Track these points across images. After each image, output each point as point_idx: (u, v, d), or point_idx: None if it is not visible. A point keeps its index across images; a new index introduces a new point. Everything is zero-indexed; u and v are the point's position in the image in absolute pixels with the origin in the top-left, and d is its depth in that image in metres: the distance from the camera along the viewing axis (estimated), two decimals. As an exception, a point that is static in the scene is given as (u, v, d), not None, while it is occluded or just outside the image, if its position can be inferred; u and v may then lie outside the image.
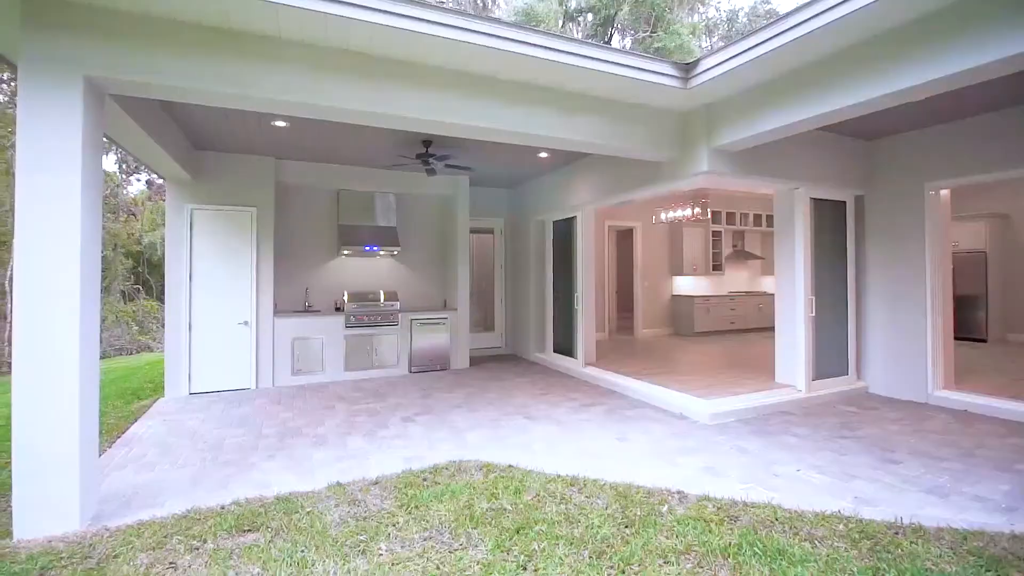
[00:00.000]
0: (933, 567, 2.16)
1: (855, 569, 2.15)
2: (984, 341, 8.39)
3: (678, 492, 2.95)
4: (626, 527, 2.52)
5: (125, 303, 15.45)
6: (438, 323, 6.94)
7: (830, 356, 5.37)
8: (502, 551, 2.30)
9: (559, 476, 3.17)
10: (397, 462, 3.49)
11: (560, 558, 2.23)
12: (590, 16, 18.17)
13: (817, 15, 3.03)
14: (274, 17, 2.86)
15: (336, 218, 6.92)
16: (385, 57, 3.38)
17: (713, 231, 10.42)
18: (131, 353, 13.67)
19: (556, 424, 4.41)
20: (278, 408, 5.01)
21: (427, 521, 2.58)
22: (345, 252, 6.85)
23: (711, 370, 6.26)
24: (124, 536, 2.51)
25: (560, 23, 17.82)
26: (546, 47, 3.46)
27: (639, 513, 2.66)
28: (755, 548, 2.30)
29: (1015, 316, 8.54)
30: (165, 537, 2.48)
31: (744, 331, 10.38)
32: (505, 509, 2.70)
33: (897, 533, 2.46)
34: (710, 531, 2.47)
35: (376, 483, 3.08)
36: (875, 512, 2.71)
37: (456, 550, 2.32)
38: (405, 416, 4.69)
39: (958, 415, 4.59)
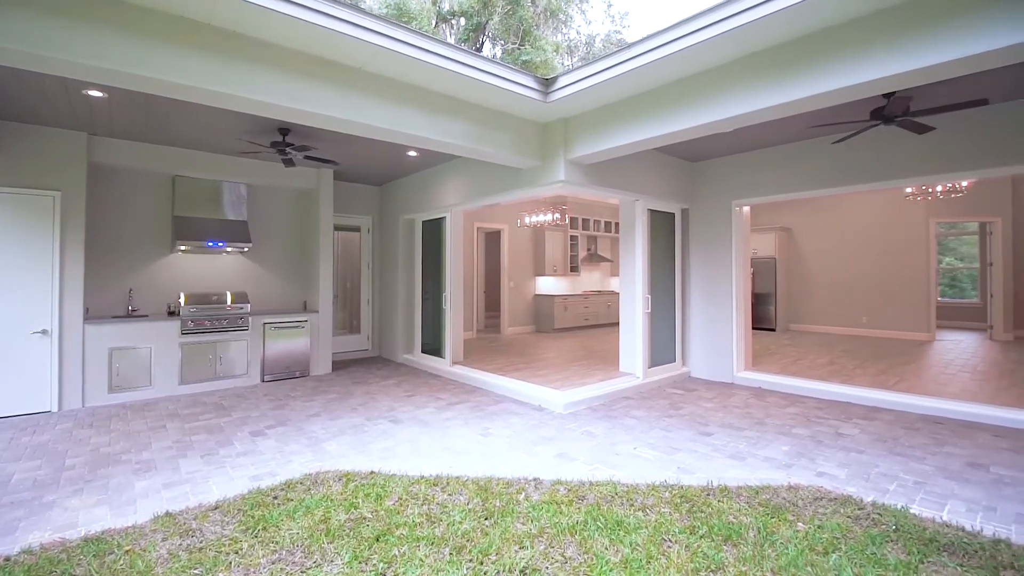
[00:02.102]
0: (734, 520, 2.62)
1: (677, 529, 2.52)
2: (773, 330, 10.38)
3: (534, 480, 3.15)
4: (486, 519, 2.63)
5: None
6: (296, 326, 6.45)
7: (662, 346, 6.18)
8: (360, 562, 2.24)
9: (423, 477, 3.18)
10: (243, 482, 3.18)
11: (420, 559, 2.26)
12: (463, 20, 18.36)
13: (653, 49, 3.49)
14: (78, -29, 2.43)
15: (171, 209, 6.03)
16: (234, 32, 3.08)
17: (571, 235, 11.32)
18: None
19: (422, 425, 4.41)
20: (89, 433, 4.23)
21: (276, 543, 2.40)
22: (182, 248, 6.00)
23: (566, 363, 6.78)
24: None
25: (433, 23, 17.70)
26: (415, 45, 3.47)
27: (498, 504, 2.79)
28: (598, 523, 2.57)
29: (796, 309, 10.73)
30: (-86, 609, 1.96)
31: (596, 327, 11.40)
32: (365, 518, 2.64)
33: (709, 495, 2.92)
34: (561, 512, 2.69)
35: (216, 508, 2.77)
36: (693, 479, 3.20)
37: (308, 569, 2.20)
38: (254, 430, 4.29)
39: (755, 391, 5.61)
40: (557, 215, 9.89)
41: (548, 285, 11.13)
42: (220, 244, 6.08)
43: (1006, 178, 8.80)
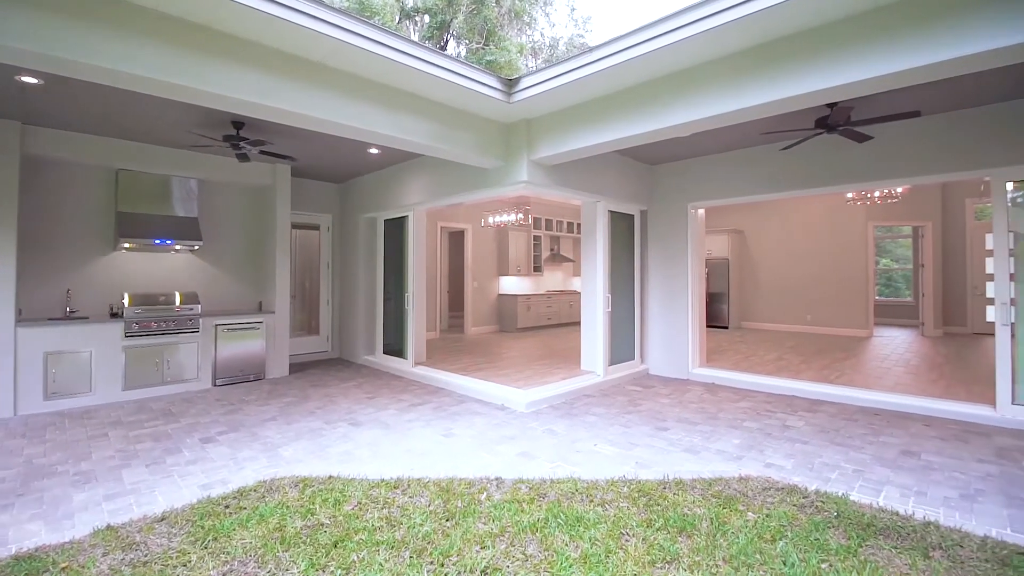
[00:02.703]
0: (688, 512, 2.71)
1: (635, 523, 2.59)
2: (726, 328, 10.80)
3: (496, 479, 3.16)
4: (447, 520, 2.62)
5: None
6: (251, 328, 6.22)
7: (622, 344, 6.32)
8: (316, 569, 2.19)
9: (383, 480, 3.13)
10: (192, 491, 3.05)
11: (380, 564, 2.23)
12: (427, 18, 18.16)
13: (614, 53, 3.56)
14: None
15: (114, 204, 5.69)
16: (185, 21, 2.94)
17: (534, 235, 11.41)
18: None
19: (383, 427, 4.35)
20: (21, 443, 3.94)
21: (228, 553, 2.32)
22: (126, 245, 5.69)
23: (529, 362, 6.83)
24: None
25: (396, 19, 17.42)
26: (376, 41, 3.42)
27: (460, 505, 2.79)
28: (559, 519, 2.61)
29: (747, 308, 11.20)
30: None
31: (558, 326, 11.53)
32: (322, 524, 2.58)
33: (665, 488, 3.01)
34: (522, 511, 2.71)
35: (162, 519, 2.65)
36: (650, 473, 3.29)
37: (263, 577, 2.14)
38: (205, 436, 4.12)
39: (708, 387, 5.82)
40: (520, 215, 9.94)
41: (511, 285, 11.17)
42: (168, 242, 5.80)
43: (936, 185, 9.47)
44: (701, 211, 6.47)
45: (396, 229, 6.93)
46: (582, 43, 20.59)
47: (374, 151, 5.90)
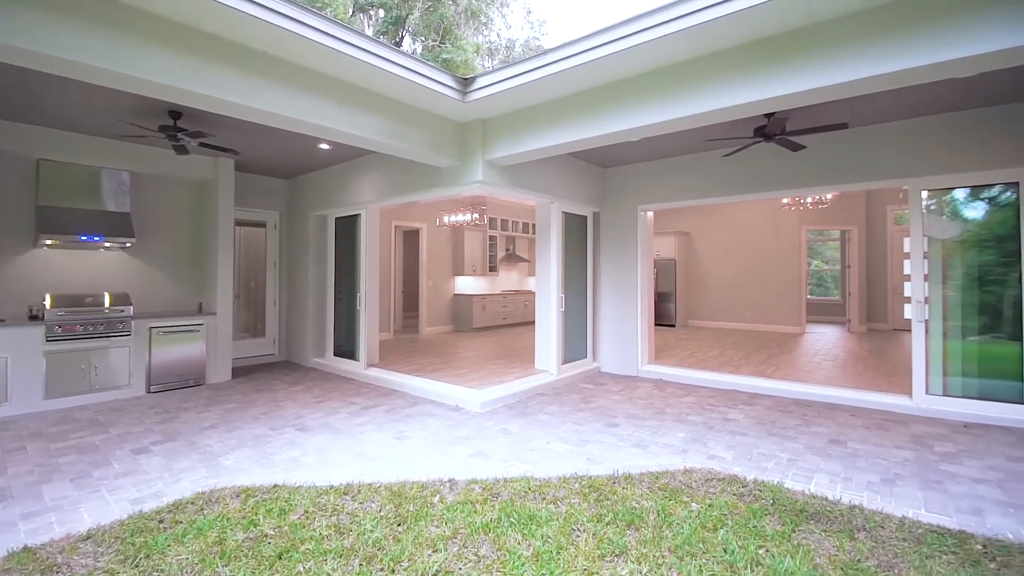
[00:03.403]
0: (636, 504, 2.80)
1: (585, 519, 2.64)
2: (673, 326, 11.22)
3: (449, 481, 3.15)
4: (398, 525, 2.58)
5: None
6: (189, 331, 5.88)
7: (575, 343, 6.44)
8: (260, 581, 2.11)
9: (332, 487, 3.05)
10: (122, 506, 2.85)
11: (328, 574, 2.16)
12: (382, 12, 17.76)
13: (568, 57, 3.61)
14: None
15: (34, 197, 5.23)
16: (117, 1, 2.73)
17: (490, 235, 11.41)
18: None
19: (333, 432, 4.22)
20: (-81, 461, 3.56)
21: (162, 571, 2.18)
22: (48, 242, 5.24)
23: (484, 362, 6.83)
24: None
25: (349, 12, 16.94)
26: (326, 32, 3.31)
27: (412, 508, 2.75)
28: (511, 519, 2.62)
29: (693, 307, 11.67)
30: None
31: (514, 325, 11.60)
32: (266, 535, 2.48)
33: (615, 483, 3.09)
34: (475, 512, 2.71)
35: (88, 538, 2.46)
36: (600, 468, 3.36)
37: (201, 593, 2.04)
38: (137, 447, 3.86)
39: (656, 383, 6.02)
40: (476, 215, 9.91)
41: (467, 285, 11.12)
42: (96, 238, 5.39)
43: (862, 192, 10.21)
44: (650, 213, 6.69)
45: (348, 227, 6.75)
46: (538, 46, 20.78)
47: (325, 146, 5.72)
